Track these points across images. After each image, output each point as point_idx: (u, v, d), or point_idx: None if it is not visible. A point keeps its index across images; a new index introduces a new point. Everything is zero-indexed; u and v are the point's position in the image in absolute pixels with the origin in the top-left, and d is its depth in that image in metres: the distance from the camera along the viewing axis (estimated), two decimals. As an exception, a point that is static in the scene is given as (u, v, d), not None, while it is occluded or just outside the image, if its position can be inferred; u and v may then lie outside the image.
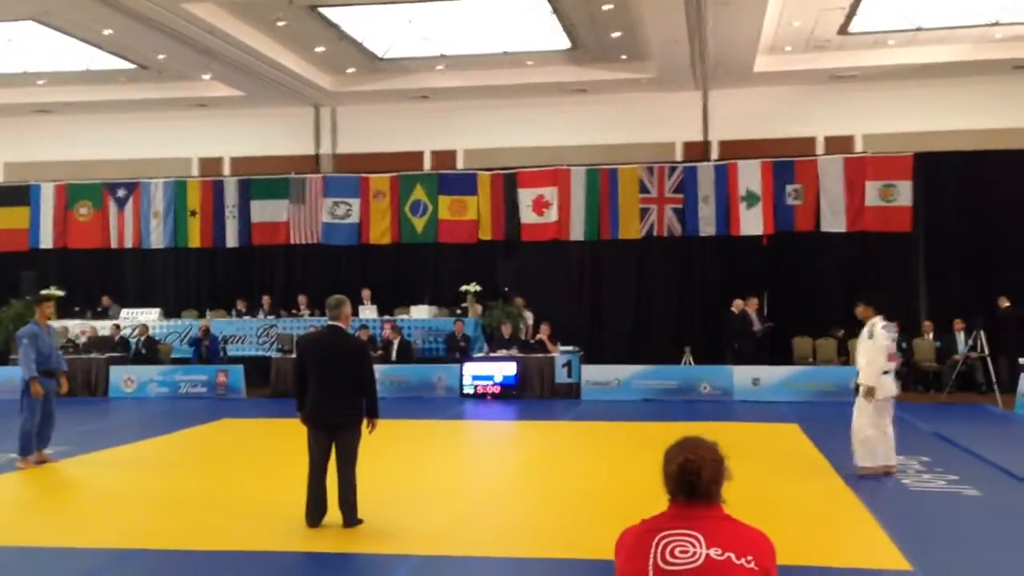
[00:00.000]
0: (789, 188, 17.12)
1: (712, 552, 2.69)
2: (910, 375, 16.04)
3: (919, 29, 15.14)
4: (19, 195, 19.68)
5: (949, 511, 7.43)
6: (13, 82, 18.15)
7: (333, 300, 7.15)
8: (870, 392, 8.56)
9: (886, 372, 8.62)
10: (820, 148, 17.62)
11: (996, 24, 14.90)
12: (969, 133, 16.84)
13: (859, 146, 17.50)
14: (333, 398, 6.86)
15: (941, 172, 17.08)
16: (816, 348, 16.77)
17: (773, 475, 8.69)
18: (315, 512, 6.89)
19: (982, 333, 14.80)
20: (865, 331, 8.71)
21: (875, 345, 8.56)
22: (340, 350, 6.99)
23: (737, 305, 16.50)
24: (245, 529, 6.96)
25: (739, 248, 17.47)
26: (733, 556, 2.68)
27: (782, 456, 10.06)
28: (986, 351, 14.73)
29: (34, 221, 19.56)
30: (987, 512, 7.43)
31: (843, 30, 15.12)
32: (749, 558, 2.69)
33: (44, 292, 10.15)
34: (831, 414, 13.34)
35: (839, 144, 17.53)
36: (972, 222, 16.92)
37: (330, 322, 7.13)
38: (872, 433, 8.59)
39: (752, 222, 17.15)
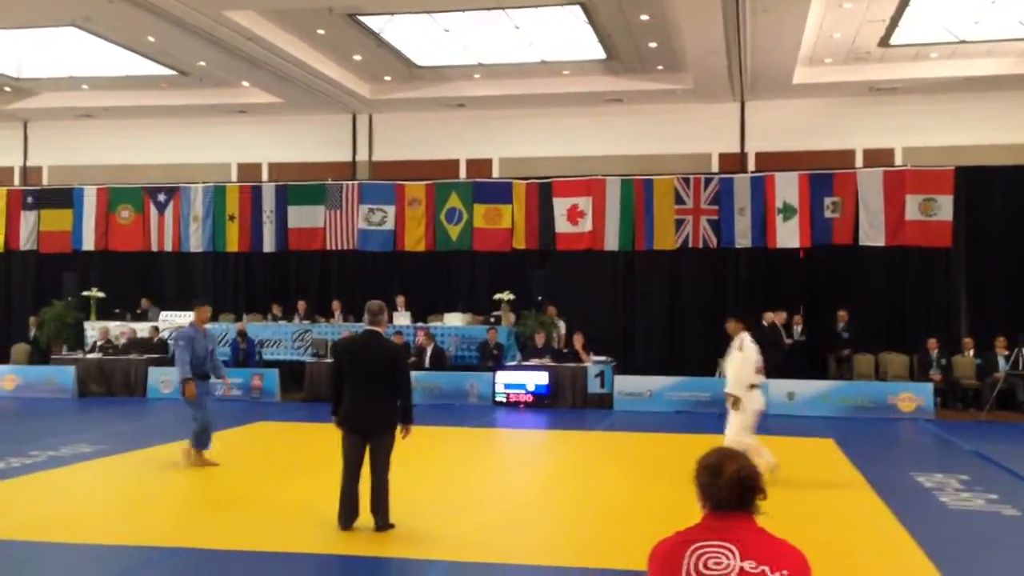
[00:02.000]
0: (827, 201, 16.95)
1: (746, 565, 2.66)
2: (949, 392, 15.81)
3: (962, 42, 14.95)
4: (62, 198, 20.05)
5: (988, 530, 7.29)
6: (57, 87, 18.53)
7: (375, 305, 7.17)
8: (737, 402, 8.76)
9: (755, 386, 8.86)
10: (859, 161, 17.44)
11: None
12: (1012, 147, 16.60)
13: (899, 159, 17.31)
14: (369, 402, 6.90)
15: (983, 186, 16.83)
16: (853, 363, 16.56)
17: (808, 490, 8.60)
18: (347, 515, 6.92)
19: (1024, 351, 14.55)
20: (735, 344, 8.98)
21: (745, 358, 8.82)
22: (377, 355, 7.02)
23: (767, 318, 16.36)
24: (278, 531, 7.01)
25: (775, 261, 17.32)
26: (768, 570, 2.65)
27: (817, 471, 9.94)
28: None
29: (77, 224, 19.90)
30: (1027, 532, 7.30)
31: (884, 42, 14.97)
32: (784, 572, 2.66)
33: (198, 298, 10.34)
34: (868, 430, 13.23)
35: (878, 157, 17.35)
36: (1014, 237, 16.65)
37: (368, 327, 7.16)
38: (751, 441, 8.68)
39: (789, 235, 17.01)
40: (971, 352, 16.06)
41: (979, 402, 15.39)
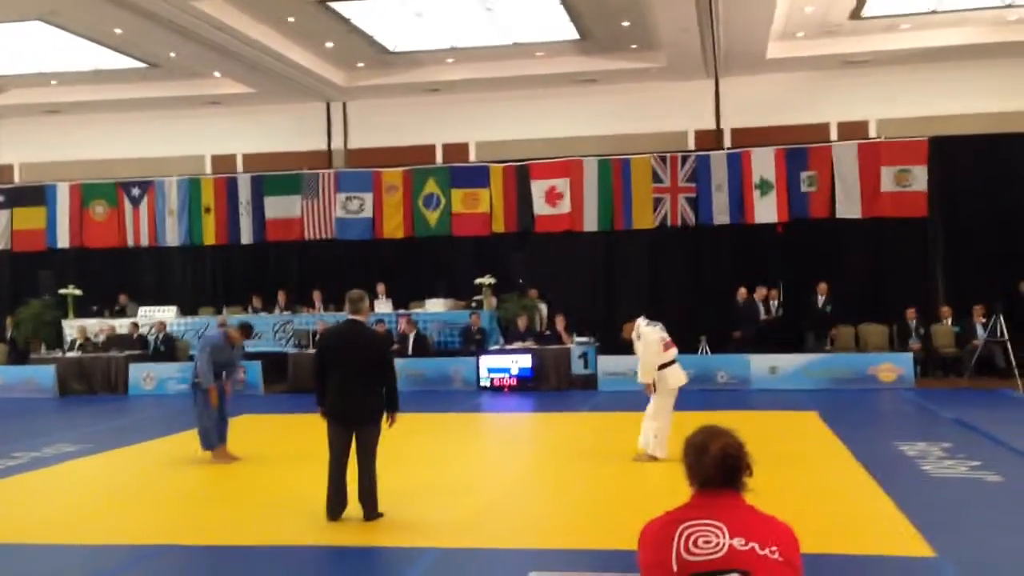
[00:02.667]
0: (803, 175, 17.01)
1: (736, 542, 2.68)
2: (928, 361, 15.96)
3: (933, 12, 15.01)
4: (35, 195, 19.80)
5: (971, 497, 7.38)
6: (26, 83, 18.28)
7: (355, 294, 7.15)
8: (652, 386, 8.99)
9: (672, 363, 9.05)
10: (834, 134, 17.51)
11: (1010, 6, 14.75)
12: (984, 116, 16.71)
13: (873, 131, 17.39)
14: (354, 391, 6.88)
15: (957, 156, 16.92)
16: (834, 335, 16.67)
17: (793, 463, 8.66)
18: (336, 506, 6.91)
19: (1001, 317, 14.69)
20: (634, 336, 9.21)
21: (645, 345, 9.03)
22: (361, 344, 6.99)
23: (741, 293, 16.48)
24: (266, 524, 6.99)
25: (754, 236, 17.38)
26: (757, 546, 2.67)
27: (801, 444, 10.02)
28: (1006, 336, 14.62)
29: (51, 221, 19.65)
30: (1010, 498, 7.39)
31: (855, 15, 15.01)
32: (773, 548, 2.68)
33: (240, 320, 10.23)
34: (850, 401, 13.35)
35: (853, 130, 17.42)
36: (989, 206, 16.77)
37: (350, 316, 7.13)
38: (659, 426, 8.93)
39: (766, 210, 17.06)
40: (949, 320, 16.22)
41: (959, 370, 15.56)
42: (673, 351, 9.17)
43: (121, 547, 6.58)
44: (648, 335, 9.04)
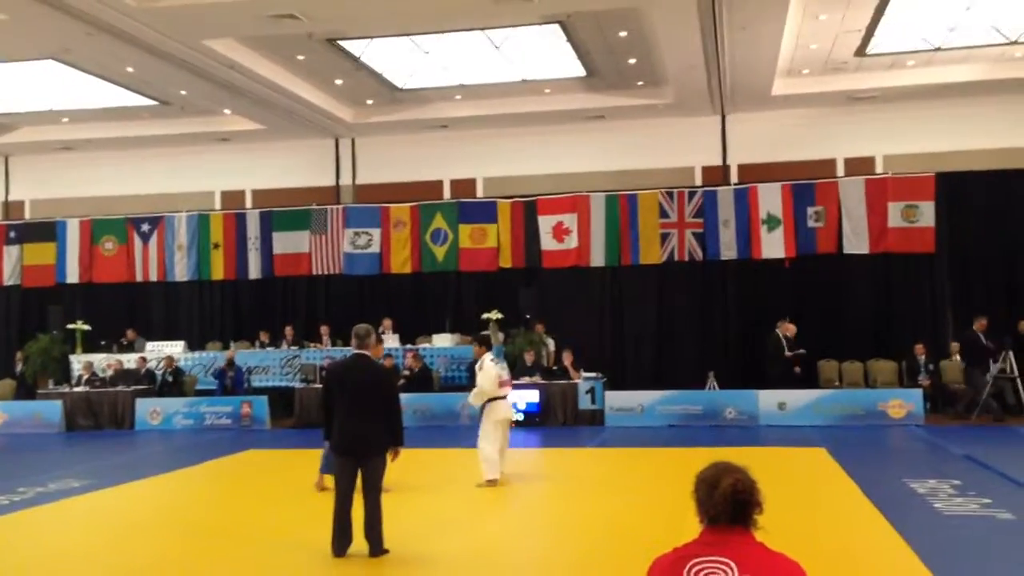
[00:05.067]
0: (810, 211, 17.02)
1: (745, 579, 2.65)
2: (938, 398, 15.85)
3: (938, 49, 15.11)
4: (45, 231, 19.93)
5: (983, 535, 7.30)
6: (37, 120, 18.46)
7: (362, 329, 7.18)
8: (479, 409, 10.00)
9: (502, 397, 10.00)
10: (840, 170, 17.55)
11: (1015, 43, 14.84)
12: (991, 152, 16.74)
13: (880, 167, 17.42)
14: (360, 425, 6.86)
15: (964, 192, 16.93)
16: (842, 371, 16.61)
17: (802, 500, 8.59)
18: (341, 542, 6.87)
19: (1011, 354, 14.61)
20: (477, 365, 10.15)
21: (485, 375, 9.89)
22: (367, 378, 7.00)
23: (786, 327, 16.23)
24: (272, 560, 6.94)
25: (761, 272, 17.36)
26: (766, 583, 2.64)
27: (810, 481, 9.94)
28: (1015, 372, 14.53)
29: (60, 256, 19.77)
30: (1022, 535, 7.30)
31: (860, 52, 15.10)
32: (783, 586, 2.65)
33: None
34: (859, 438, 13.26)
35: (859, 166, 17.46)
36: (996, 242, 16.76)
37: (356, 351, 7.14)
38: (490, 450, 9.80)
39: (774, 245, 17.06)
40: (958, 356, 16.12)
41: (969, 406, 15.42)
42: (507, 389, 10.19)
43: (125, 584, 6.53)
44: (489, 369, 9.89)
